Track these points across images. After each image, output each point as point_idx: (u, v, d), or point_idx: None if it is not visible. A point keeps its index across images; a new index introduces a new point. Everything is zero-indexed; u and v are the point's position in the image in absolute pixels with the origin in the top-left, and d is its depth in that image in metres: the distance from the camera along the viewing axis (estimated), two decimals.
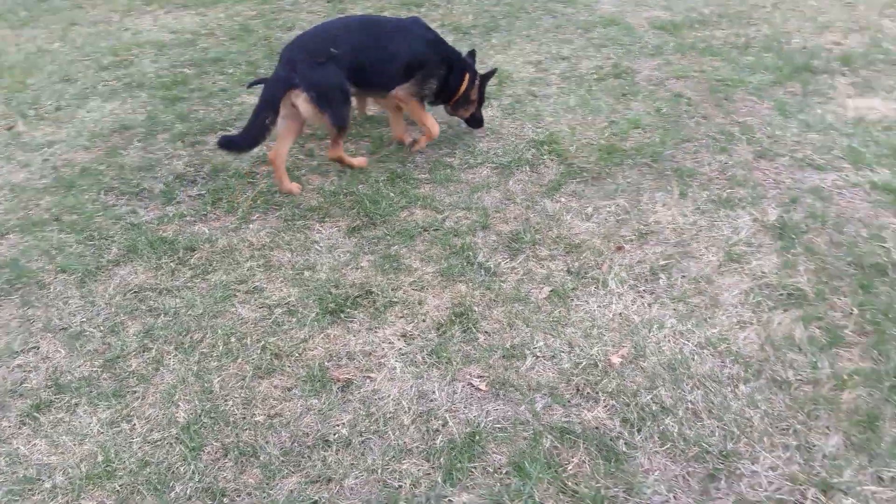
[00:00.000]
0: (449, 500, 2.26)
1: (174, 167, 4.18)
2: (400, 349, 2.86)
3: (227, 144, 3.75)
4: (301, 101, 3.67)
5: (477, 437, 2.46)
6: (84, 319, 3.08)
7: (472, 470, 2.35)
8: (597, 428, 2.49)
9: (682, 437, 2.44)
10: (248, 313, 3.06)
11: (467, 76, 4.20)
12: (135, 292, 3.22)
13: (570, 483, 2.29)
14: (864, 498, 2.20)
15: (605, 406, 2.58)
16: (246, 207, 3.76)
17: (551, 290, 3.15)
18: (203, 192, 3.92)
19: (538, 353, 2.82)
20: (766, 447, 2.39)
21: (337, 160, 4.05)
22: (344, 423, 2.54)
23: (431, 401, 2.63)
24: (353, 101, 4.20)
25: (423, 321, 2.99)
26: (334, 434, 2.50)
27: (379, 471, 2.37)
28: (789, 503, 2.20)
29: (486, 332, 2.94)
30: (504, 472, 2.34)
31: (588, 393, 2.64)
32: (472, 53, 4.39)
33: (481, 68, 4.39)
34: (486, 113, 4.65)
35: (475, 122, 4.43)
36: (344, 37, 3.85)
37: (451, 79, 4.15)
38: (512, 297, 3.11)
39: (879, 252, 3.25)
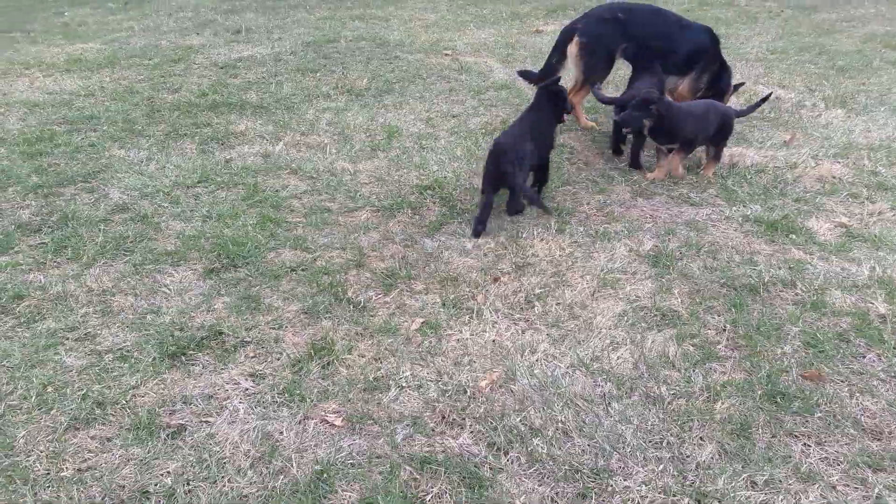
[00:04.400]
0: None
1: (18, 217, 3.82)
2: (246, 389, 2.57)
3: (525, 74, 5.25)
4: (573, 45, 4.87)
5: (325, 475, 2.17)
6: None
7: None
8: (460, 455, 2.26)
9: (551, 457, 2.23)
10: (73, 361, 2.70)
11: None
12: None
13: None
14: (738, 503, 2.04)
15: (472, 431, 2.36)
16: (92, 254, 3.44)
17: (423, 322, 2.95)
18: (46, 240, 3.57)
19: (403, 384, 2.59)
20: (638, 462, 2.22)
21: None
22: (169, 472, 2.20)
23: (277, 441, 2.33)
24: None
25: (278, 359, 2.73)
26: (156, 484, 2.16)
27: None
28: None
29: (348, 365, 2.69)
30: None
31: (454, 419, 2.42)
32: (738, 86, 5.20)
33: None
34: (373, 164, 4.58)
35: None
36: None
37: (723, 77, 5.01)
38: (381, 330, 2.90)
39: (751, 274, 3.25)
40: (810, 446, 2.28)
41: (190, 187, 4.23)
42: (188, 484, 2.15)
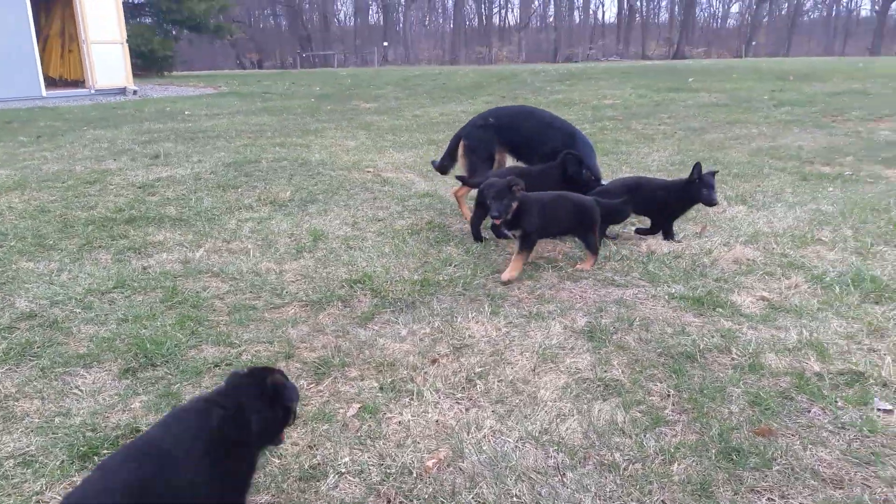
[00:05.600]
0: None
1: None
2: None
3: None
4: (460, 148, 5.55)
5: None
6: None
7: None
8: None
9: None
10: None
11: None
12: None
13: None
14: None
15: None
16: None
17: (361, 407, 2.78)
18: None
19: (342, 470, 2.38)
20: None
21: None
22: None
23: None
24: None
25: None
26: None
27: None
28: None
29: (280, 455, 2.46)
30: None
31: (401, 502, 2.21)
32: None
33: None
34: (299, 263, 4.48)
35: None
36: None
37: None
38: (315, 418, 2.69)
39: (686, 343, 3.28)
40: (774, 500, 2.21)
41: (104, 293, 3.98)
42: None
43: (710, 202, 4.82)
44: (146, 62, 25.51)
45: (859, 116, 11.42)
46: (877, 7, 63.37)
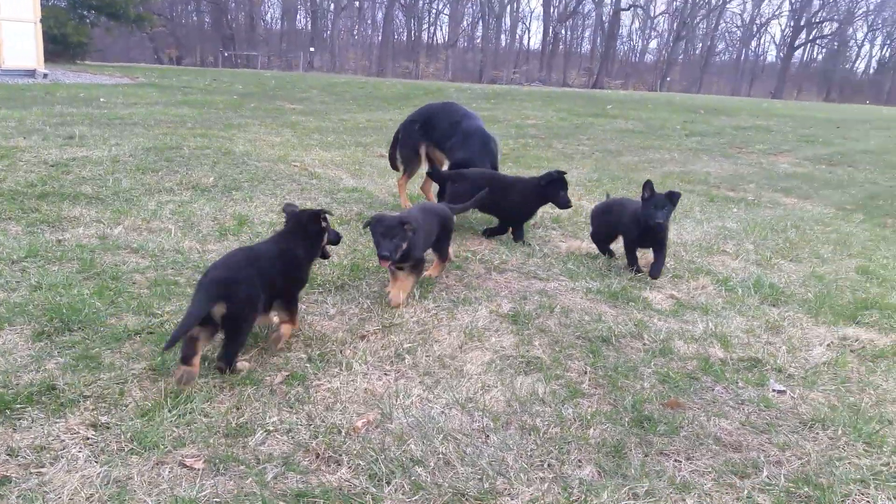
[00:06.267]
0: None
1: None
2: (87, 438, 2.24)
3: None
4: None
5: None
6: None
7: None
8: (339, 488, 2.09)
9: (435, 484, 2.13)
10: None
11: None
12: None
13: None
14: None
15: (350, 466, 2.21)
16: None
17: (288, 375, 2.79)
18: None
19: (271, 428, 2.39)
20: (523, 482, 2.18)
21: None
22: None
23: (126, 486, 2.02)
24: None
25: (124, 410, 2.41)
26: None
27: None
28: None
29: (207, 414, 2.45)
30: None
31: (330, 456, 2.25)
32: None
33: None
34: (224, 245, 4.42)
35: None
36: None
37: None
38: (241, 382, 2.68)
39: (602, 329, 3.47)
40: (680, 461, 2.39)
41: (15, 262, 3.79)
42: None
43: (651, 220, 4.50)
44: (58, 47, 24.18)
45: (762, 150, 12.32)
46: (781, 54, 68.49)
